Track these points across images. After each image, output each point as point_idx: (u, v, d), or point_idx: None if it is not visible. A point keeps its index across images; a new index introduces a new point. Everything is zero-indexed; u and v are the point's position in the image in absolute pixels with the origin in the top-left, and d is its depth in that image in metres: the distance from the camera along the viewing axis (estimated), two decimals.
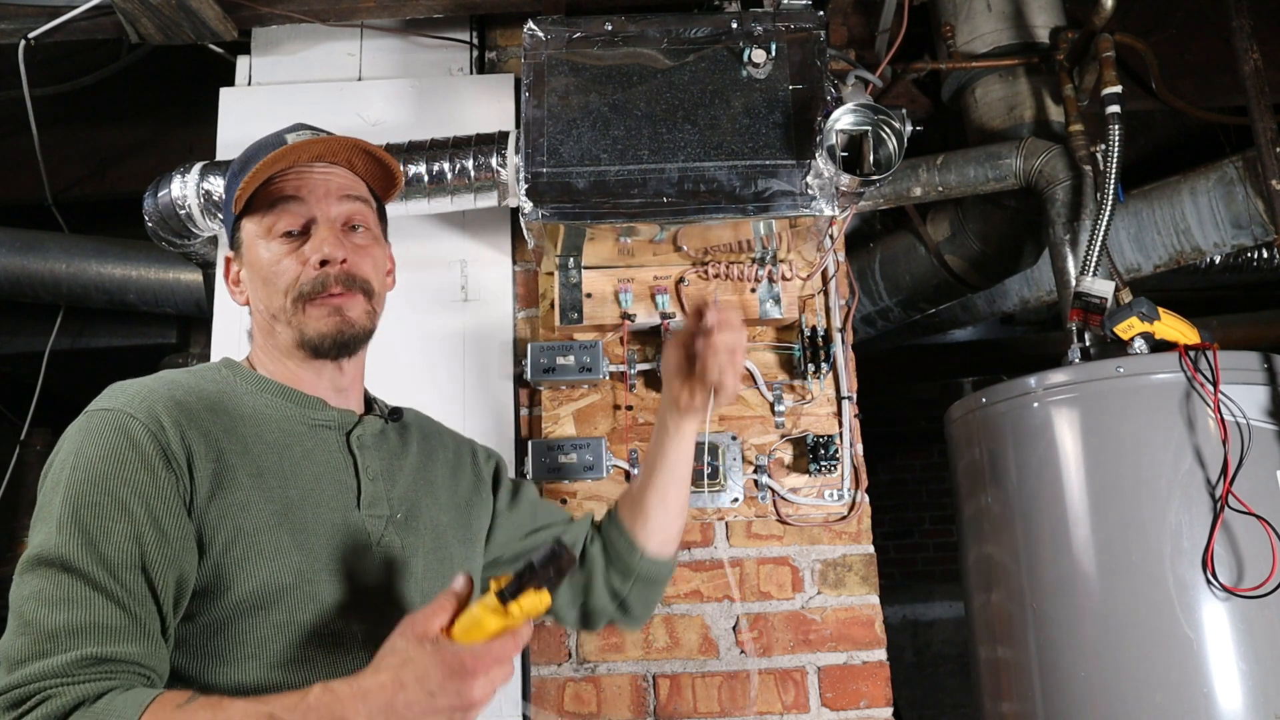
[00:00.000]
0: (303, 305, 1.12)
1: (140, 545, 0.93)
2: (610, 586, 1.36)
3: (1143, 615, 1.69)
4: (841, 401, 1.99)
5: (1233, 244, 2.47)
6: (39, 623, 0.89)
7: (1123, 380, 1.80)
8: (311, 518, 1.05)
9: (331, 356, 1.14)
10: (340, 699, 0.85)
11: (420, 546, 1.15)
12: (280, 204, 1.13)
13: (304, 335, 1.12)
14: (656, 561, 1.36)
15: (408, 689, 0.85)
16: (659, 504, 1.34)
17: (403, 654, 0.87)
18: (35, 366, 2.84)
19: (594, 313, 1.98)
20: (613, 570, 1.36)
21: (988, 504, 1.98)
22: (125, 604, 0.91)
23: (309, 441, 1.11)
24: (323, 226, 1.13)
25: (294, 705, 0.85)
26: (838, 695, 1.85)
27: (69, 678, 0.87)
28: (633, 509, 1.36)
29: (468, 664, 0.86)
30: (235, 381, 1.12)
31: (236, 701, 0.87)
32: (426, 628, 0.89)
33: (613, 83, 1.77)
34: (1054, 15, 2.47)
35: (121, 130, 2.88)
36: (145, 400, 1.01)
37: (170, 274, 2.65)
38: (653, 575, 1.36)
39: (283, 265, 1.12)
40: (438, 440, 1.30)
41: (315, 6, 2.09)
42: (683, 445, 1.33)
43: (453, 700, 0.85)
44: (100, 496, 0.95)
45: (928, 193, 2.34)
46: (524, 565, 0.90)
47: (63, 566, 0.91)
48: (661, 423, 1.33)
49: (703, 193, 1.72)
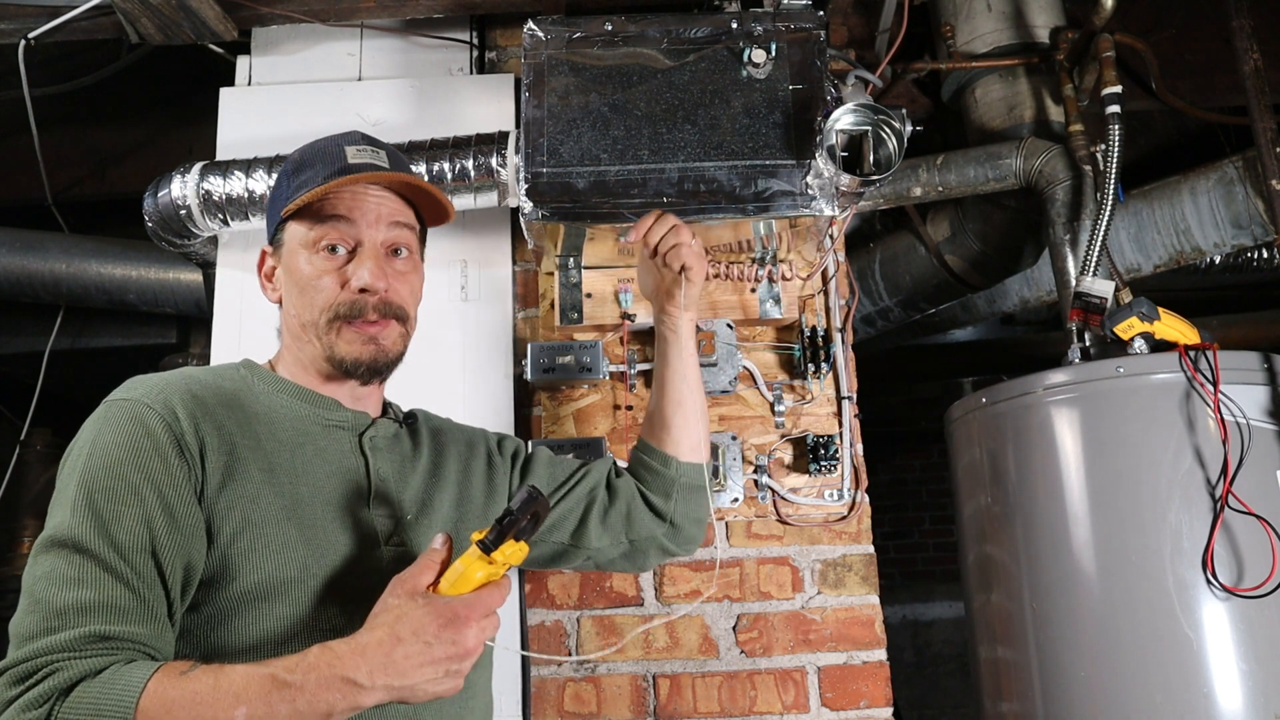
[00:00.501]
0: (338, 326, 1.14)
1: (151, 530, 0.96)
2: (653, 508, 1.40)
3: (1143, 615, 1.69)
4: (841, 401, 1.99)
5: (1233, 244, 2.47)
6: (49, 601, 0.91)
7: (1123, 380, 1.80)
8: (320, 515, 1.07)
9: (363, 381, 1.17)
10: (339, 656, 0.89)
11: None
12: (330, 220, 1.15)
13: (334, 355, 1.14)
14: (692, 467, 1.40)
15: (405, 642, 0.89)
16: (678, 411, 1.40)
17: (396, 610, 0.91)
18: (35, 366, 2.84)
19: (594, 313, 1.98)
20: (652, 493, 1.40)
21: (988, 504, 1.98)
22: (133, 585, 0.94)
23: (322, 441, 1.13)
24: (368, 252, 1.15)
25: (294, 665, 0.89)
26: (838, 695, 1.85)
27: (74, 653, 0.89)
28: (655, 426, 1.42)
29: (460, 613, 0.90)
30: (253, 381, 1.15)
31: (237, 666, 0.90)
32: (415, 584, 0.93)
33: (613, 83, 1.77)
34: (1054, 15, 2.47)
35: (121, 130, 2.88)
36: (162, 392, 1.04)
37: (170, 274, 2.65)
38: (692, 481, 1.41)
39: (323, 282, 1.14)
40: (449, 438, 1.32)
41: (315, 6, 2.09)
42: (683, 347, 1.41)
43: (448, 649, 0.89)
44: (114, 481, 0.97)
45: (928, 193, 2.34)
46: (502, 513, 0.94)
47: (75, 547, 0.94)
48: (660, 336, 1.43)
49: (703, 193, 1.72)
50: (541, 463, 1.40)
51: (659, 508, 1.40)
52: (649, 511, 1.40)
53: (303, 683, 0.87)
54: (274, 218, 1.21)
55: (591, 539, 1.37)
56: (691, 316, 1.42)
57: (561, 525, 1.37)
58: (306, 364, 1.17)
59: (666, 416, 1.40)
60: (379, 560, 1.10)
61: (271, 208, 1.22)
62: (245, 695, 0.87)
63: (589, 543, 1.38)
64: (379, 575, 1.08)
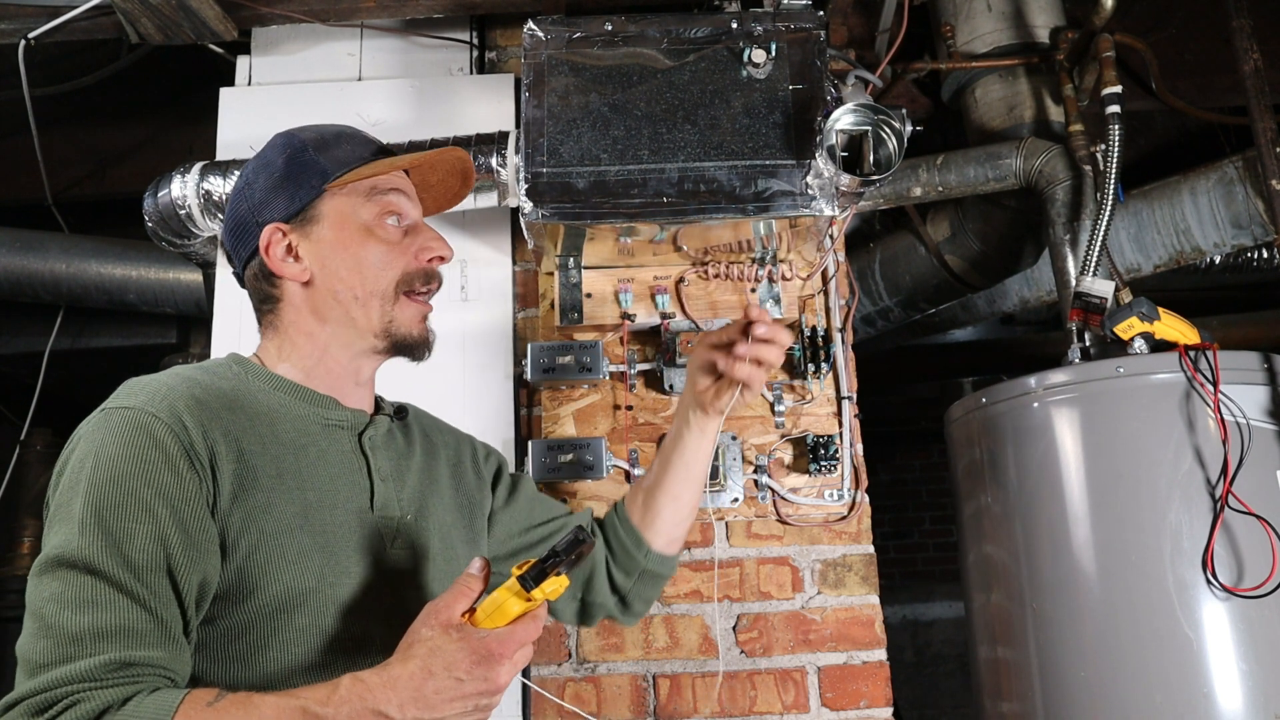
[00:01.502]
0: (403, 296, 1.14)
1: (164, 547, 0.92)
2: (612, 582, 1.36)
3: (1143, 615, 1.69)
4: (841, 401, 1.99)
5: (1233, 244, 2.47)
6: (61, 625, 0.88)
7: (1123, 380, 1.80)
8: (329, 520, 1.05)
9: (413, 358, 1.17)
10: (370, 689, 0.87)
11: (430, 547, 1.15)
12: (394, 194, 1.16)
13: (393, 326, 1.14)
14: (663, 558, 1.36)
15: (436, 677, 0.87)
16: (671, 502, 1.34)
17: (429, 643, 0.89)
18: (35, 366, 2.85)
19: (594, 313, 1.98)
20: (615, 566, 1.36)
21: (988, 504, 1.98)
22: (150, 606, 0.90)
23: (323, 442, 1.10)
24: (424, 228, 1.17)
25: (325, 698, 0.87)
26: (838, 695, 1.85)
27: (95, 682, 0.86)
28: (643, 505, 1.36)
29: (494, 650, 0.88)
30: (248, 379, 1.11)
31: (267, 696, 0.88)
32: (450, 615, 0.91)
33: (613, 83, 1.77)
34: (1054, 15, 2.47)
35: (121, 130, 2.88)
36: (166, 399, 0.99)
37: (170, 274, 2.65)
38: (657, 572, 1.37)
39: (397, 249, 1.14)
40: (439, 438, 1.30)
41: (315, 6, 2.09)
42: (704, 444, 1.34)
43: (480, 685, 0.88)
44: (123, 497, 0.93)
45: (928, 193, 2.34)
46: (548, 552, 0.92)
47: (85, 568, 0.90)
48: (684, 419, 1.34)
49: (703, 193, 1.72)
50: (524, 496, 1.37)
51: (618, 584, 1.36)
52: (607, 584, 1.36)
53: (334, 716, 0.86)
54: (297, 192, 1.13)
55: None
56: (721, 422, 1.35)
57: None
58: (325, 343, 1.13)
59: (658, 505, 1.35)
60: (388, 563, 1.08)
61: (303, 181, 1.13)
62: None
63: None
64: (389, 578, 1.08)
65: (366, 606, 1.04)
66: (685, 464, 1.34)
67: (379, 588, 1.06)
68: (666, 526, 1.35)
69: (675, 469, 1.34)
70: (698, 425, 1.32)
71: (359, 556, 1.06)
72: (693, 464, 1.34)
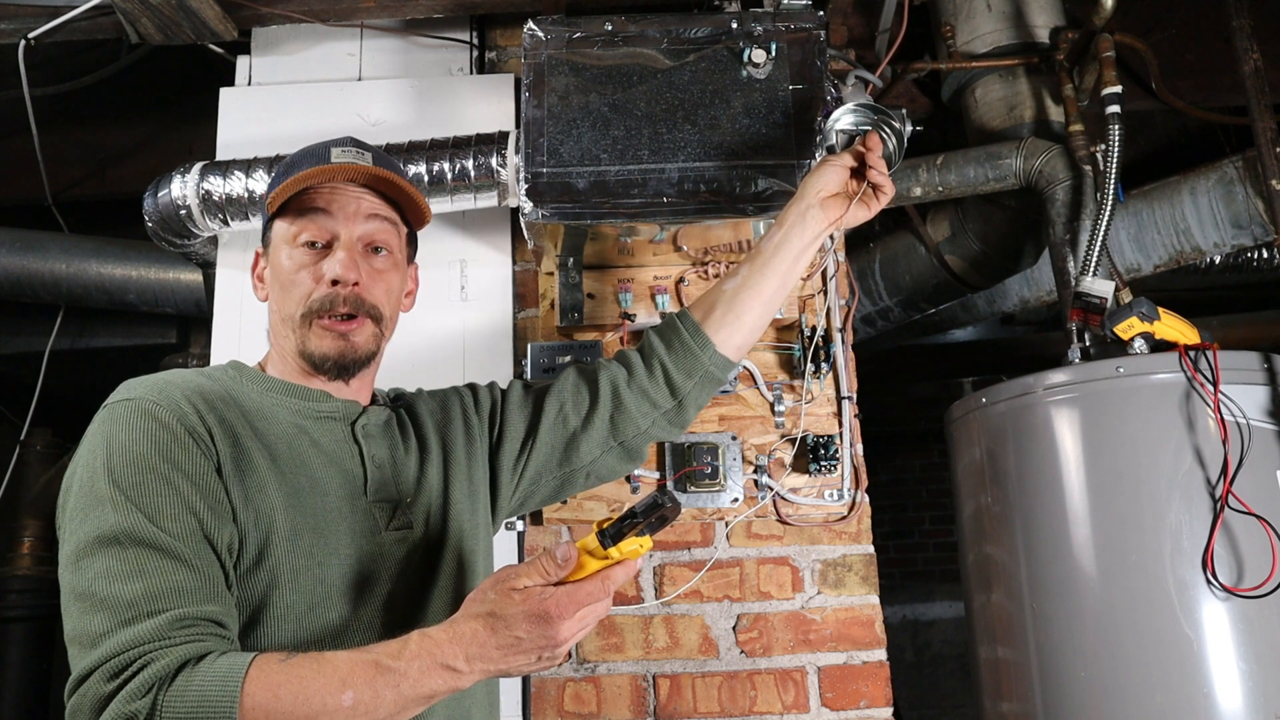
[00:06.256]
0: (309, 321, 1.15)
1: (193, 514, 0.98)
2: (670, 384, 1.36)
3: (1143, 615, 1.69)
4: (841, 401, 1.99)
5: (1233, 244, 2.47)
6: (114, 596, 0.92)
7: (1123, 380, 1.80)
8: (321, 504, 1.09)
9: (331, 376, 1.18)
10: (438, 644, 0.92)
11: (426, 530, 1.18)
12: (309, 214, 1.17)
13: (305, 349, 1.16)
14: (726, 363, 1.37)
15: (498, 634, 0.92)
16: (755, 303, 1.36)
17: (490, 604, 0.94)
18: (35, 366, 2.84)
19: (594, 313, 1.98)
20: (674, 366, 1.36)
21: (988, 504, 1.98)
22: (196, 566, 0.95)
23: (316, 432, 1.14)
24: (343, 246, 1.16)
25: (397, 652, 0.92)
26: (838, 695, 1.85)
27: (164, 640, 0.90)
28: (718, 308, 1.36)
29: (550, 610, 0.92)
30: (241, 381, 1.16)
31: (339, 652, 0.93)
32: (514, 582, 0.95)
33: (613, 83, 1.77)
34: (1054, 15, 2.47)
35: (121, 130, 2.88)
36: (163, 390, 1.06)
37: (170, 274, 2.65)
38: (718, 374, 1.38)
39: (300, 276, 1.16)
40: (423, 409, 1.32)
41: (315, 6, 2.09)
42: (808, 247, 1.37)
43: (539, 642, 0.92)
44: (143, 476, 0.98)
45: (928, 193, 2.34)
46: (625, 512, 0.95)
47: (130, 540, 0.94)
48: (793, 226, 1.36)
49: (703, 193, 1.72)
50: (514, 407, 1.37)
51: (677, 384, 1.36)
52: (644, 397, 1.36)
53: (406, 669, 0.91)
54: (265, 217, 1.23)
55: (582, 455, 1.36)
56: (828, 234, 1.39)
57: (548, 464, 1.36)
58: (290, 359, 1.19)
59: (741, 304, 1.35)
60: (381, 545, 1.12)
61: (262, 208, 1.27)
62: (351, 680, 0.90)
63: (580, 460, 1.36)
64: (382, 560, 1.11)
65: (357, 585, 1.08)
66: (784, 261, 1.35)
67: (373, 568, 1.10)
68: (744, 329, 1.36)
69: (774, 268, 1.35)
70: (812, 229, 1.35)
71: (350, 539, 1.09)
72: (792, 264, 1.35)
